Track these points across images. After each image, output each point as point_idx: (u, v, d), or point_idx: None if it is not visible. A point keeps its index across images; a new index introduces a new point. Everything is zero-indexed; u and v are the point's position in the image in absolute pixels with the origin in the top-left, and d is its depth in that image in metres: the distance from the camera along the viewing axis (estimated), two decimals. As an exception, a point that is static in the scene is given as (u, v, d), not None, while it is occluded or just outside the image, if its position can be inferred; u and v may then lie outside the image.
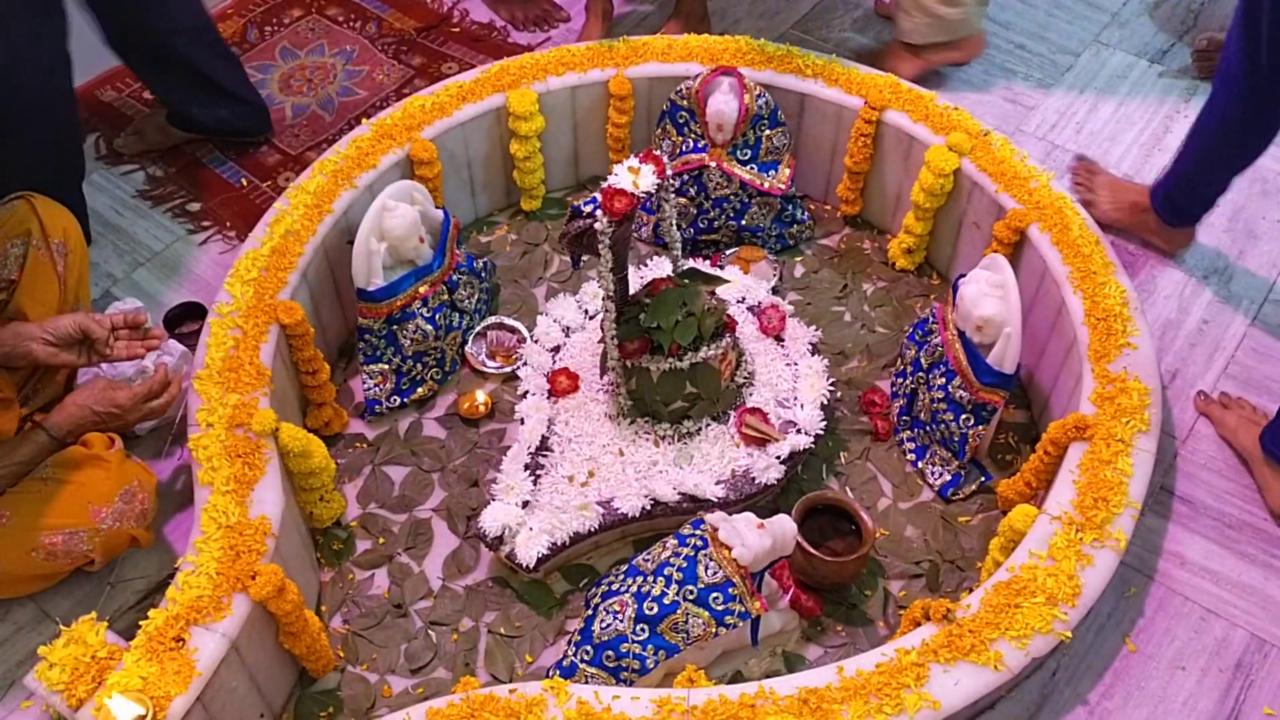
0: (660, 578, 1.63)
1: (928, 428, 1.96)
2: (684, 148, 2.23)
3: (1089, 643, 1.66)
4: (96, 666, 1.44)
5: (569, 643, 1.67)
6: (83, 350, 1.69)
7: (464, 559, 1.87)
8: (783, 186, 2.23)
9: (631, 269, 2.17)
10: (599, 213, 1.67)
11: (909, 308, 2.23)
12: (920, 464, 1.98)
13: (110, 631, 1.50)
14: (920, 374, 1.96)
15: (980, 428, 1.88)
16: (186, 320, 2.00)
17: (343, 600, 1.82)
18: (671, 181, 1.78)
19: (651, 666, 1.60)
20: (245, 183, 2.40)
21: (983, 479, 1.95)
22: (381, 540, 1.90)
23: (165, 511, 1.79)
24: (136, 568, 1.72)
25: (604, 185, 1.68)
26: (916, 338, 2.00)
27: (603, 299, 1.80)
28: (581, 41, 2.42)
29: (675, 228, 1.87)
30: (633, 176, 1.67)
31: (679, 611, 1.59)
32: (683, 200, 2.25)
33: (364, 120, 2.19)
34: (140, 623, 1.49)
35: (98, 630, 1.48)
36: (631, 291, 1.90)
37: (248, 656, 1.55)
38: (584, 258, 1.78)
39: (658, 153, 1.72)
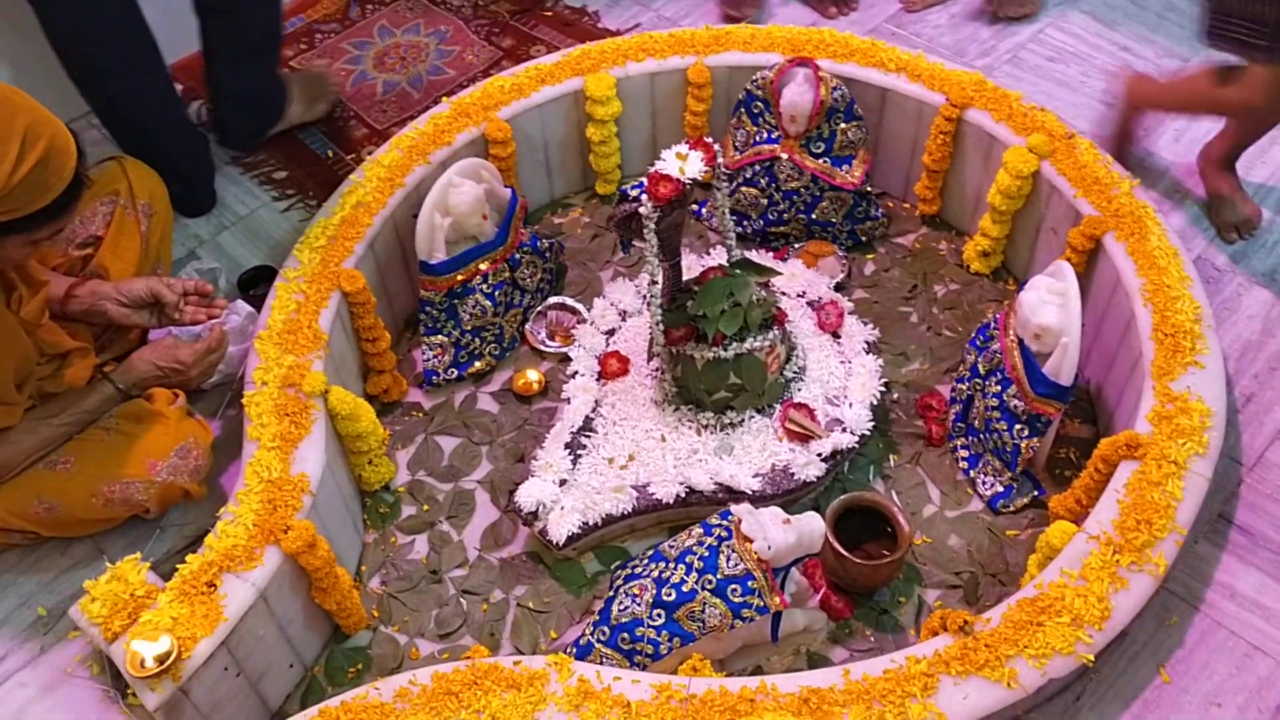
0: (681, 565, 1.62)
1: (981, 436, 1.91)
2: (758, 138, 2.21)
3: (1120, 669, 1.59)
4: (134, 604, 1.52)
5: (590, 622, 1.69)
6: (154, 312, 1.79)
7: (502, 532, 1.91)
8: (855, 181, 2.19)
9: (694, 256, 2.17)
10: (644, 197, 1.67)
11: (980, 312, 2.16)
12: (972, 473, 1.93)
13: (152, 573, 1.59)
14: (978, 380, 1.91)
15: (1034, 439, 1.81)
16: (259, 283, 2.09)
17: (383, 562, 1.88)
18: (724, 169, 1.77)
19: (665, 653, 1.60)
20: (331, 154, 2.48)
21: (1035, 493, 1.88)
22: (426, 507, 1.94)
23: (222, 463, 1.88)
24: (187, 514, 1.81)
25: (650, 170, 1.68)
26: (978, 343, 1.94)
27: (648, 284, 1.80)
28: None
29: (728, 216, 1.86)
30: (680, 163, 1.67)
31: (696, 600, 1.58)
32: (753, 191, 2.23)
33: (445, 99, 2.24)
34: (178, 566, 1.57)
35: (139, 570, 1.56)
36: (687, 278, 1.90)
37: (277, 607, 1.61)
38: (633, 242, 1.78)
39: (708, 139, 1.71)
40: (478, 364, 2.11)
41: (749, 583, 1.58)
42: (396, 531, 1.92)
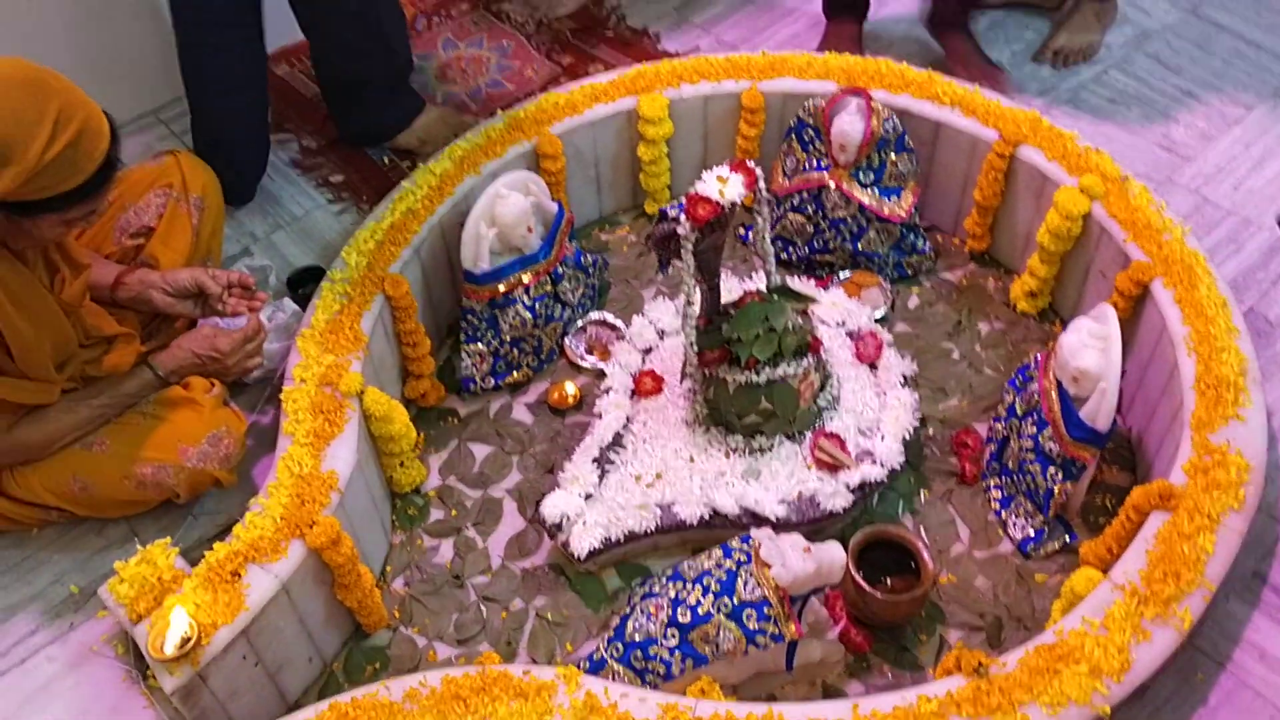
0: (698, 586, 1.62)
1: (1015, 477, 1.88)
2: (807, 165, 2.21)
3: (1140, 724, 1.56)
4: (160, 587, 1.55)
5: (605, 637, 1.69)
6: (198, 303, 1.83)
7: (526, 542, 1.92)
8: (903, 214, 2.18)
9: (735, 280, 2.17)
10: (683, 217, 1.68)
11: (1023, 352, 2.13)
12: (1003, 514, 1.90)
13: (181, 558, 1.62)
14: (1014, 420, 1.88)
15: (1068, 484, 1.79)
16: (308, 282, 2.13)
17: (408, 564, 1.90)
18: (765, 194, 1.77)
19: (677, 673, 1.59)
20: (386, 160, 2.53)
21: (1067, 538, 1.85)
22: (454, 512, 1.96)
23: (256, 455, 1.91)
24: (220, 503, 1.84)
25: (690, 191, 1.69)
26: (1017, 383, 1.92)
27: (684, 304, 1.81)
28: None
29: (768, 241, 1.86)
30: (720, 185, 1.68)
31: (711, 623, 1.58)
32: (800, 218, 2.23)
33: (500, 112, 2.27)
34: (205, 553, 1.60)
35: (168, 555, 1.60)
36: (725, 301, 1.91)
37: (299, 600, 1.64)
38: (670, 262, 1.79)
39: (750, 163, 1.72)
40: (515, 374, 2.13)
41: (765, 609, 1.57)
42: (423, 534, 1.94)
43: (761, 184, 1.76)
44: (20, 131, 1.42)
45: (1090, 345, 1.73)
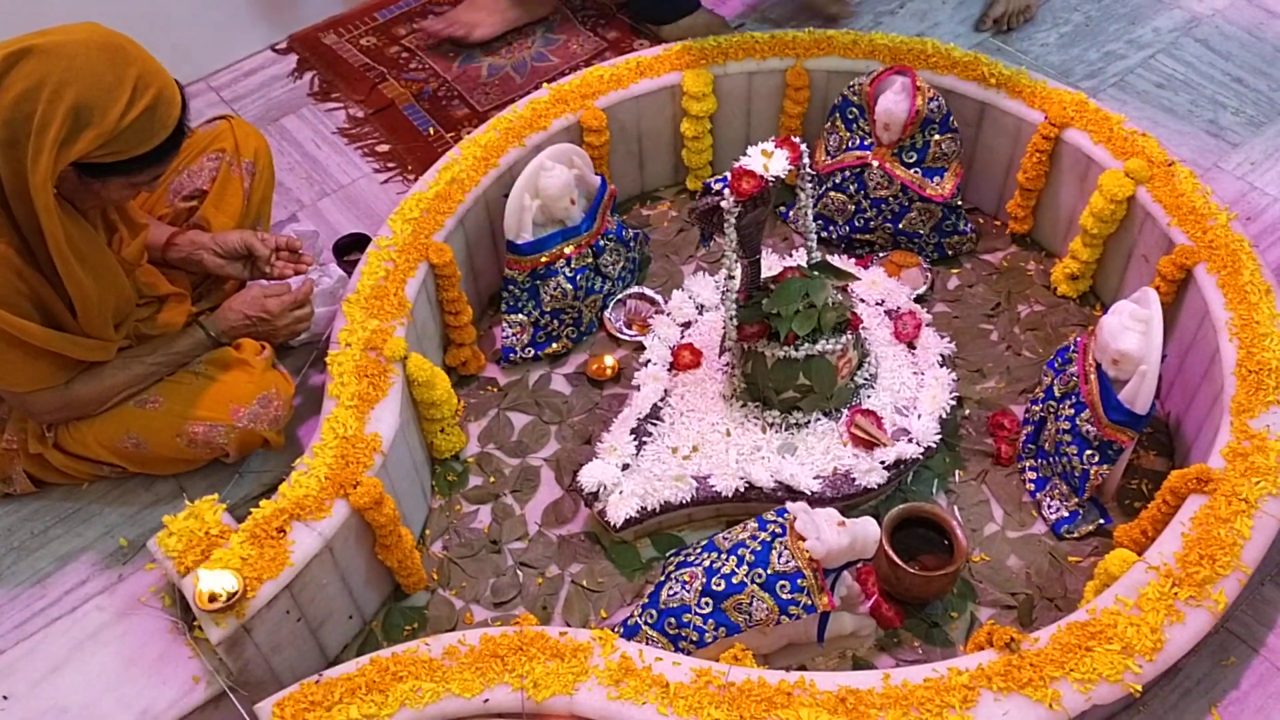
0: (733, 557, 1.64)
1: (1051, 459, 1.88)
2: (850, 144, 2.21)
3: (1170, 703, 1.56)
4: (207, 541, 1.59)
5: (639, 604, 1.72)
6: (247, 265, 1.87)
7: (563, 510, 1.95)
8: (945, 194, 2.18)
9: (775, 256, 2.18)
10: (726, 191, 1.69)
11: (1063, 335, 2.13)
12: (1038, 495, 1.90)
13: (228, 515, 1.66)
14: (1052, 402, 1.88)
15: (1105, 467, 1.79)
16: (353, 249, 2.16)
17: (446, 528, 1.93)
18: (809, 170, 1.78)
19: (709, 641, 1.62)
20: (432, 131, 2.55)
21: (1102, 521, 1.85)
22: (492, 479, 1.99)
23: (303, 416, 1.95)
24: (266, 463, 1.88)
25: (734, 165, 1.70)
26: (1056, 365, 1.92)
27: (724, 278, 1.82)
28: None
29: (810, 218, 1.87)
30: (764, 160, 1.69)
31: (745, 593, 1.60)
32: (842, 196, 2.24)
33: (545, 85, 2.29)
34: (252, 510, 1.64)
35: (216, 510, 1.64)
36: (766, 276, 1.92)
37: (341, 558, 1.67)
38: (713, 235, 1.81)
39: (795, 139, 1.73)
40: (555, 345, 2.15)
41: (798, 580, 1.59)
42: (462, 500, 1.97)
43: (806, 160, 1.76)
44: (101, 96, 1.45)
45: (1131, 328, 1.73)
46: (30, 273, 1.56)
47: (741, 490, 1.84)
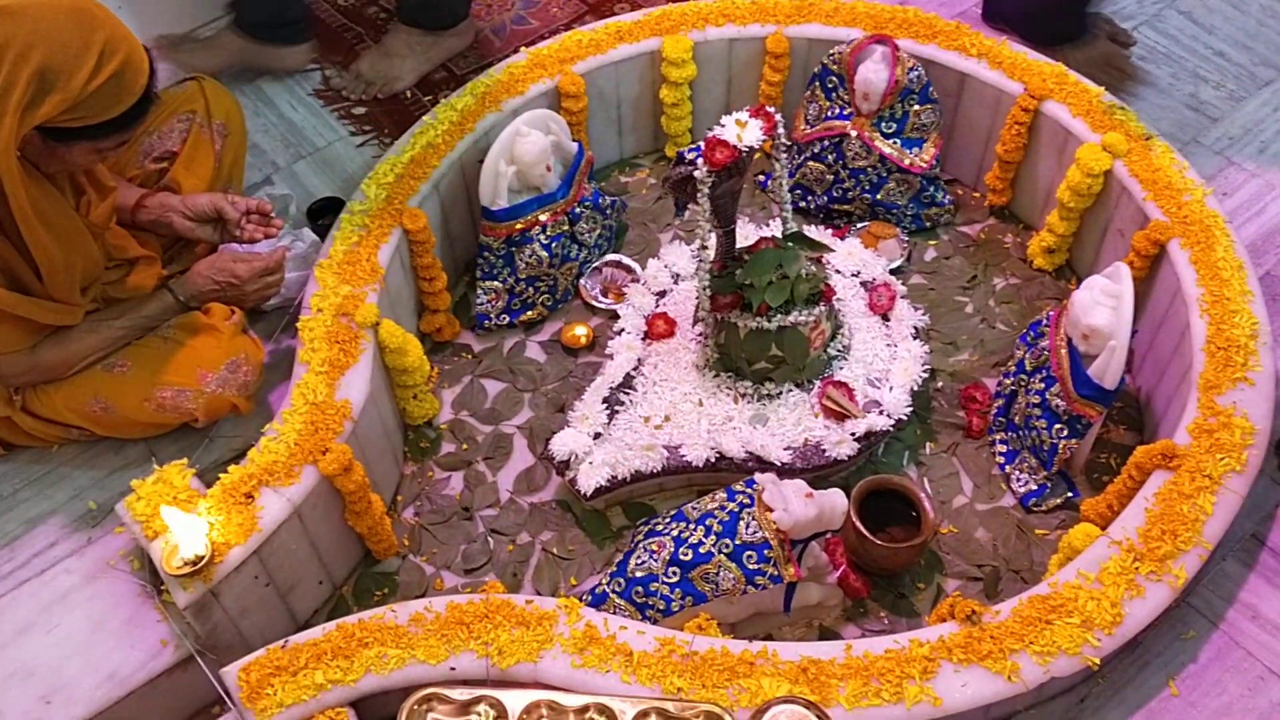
0: (701, 526, 1.65)
1: (1021, 432, 1.89)
2: (829, 113, 2.20)
3: (1129, 677, 1.58)
4: (175, 506, 1.60)
5: (607, 573, 1.73)
6: (217, 228, 1.85)
7: (535, 478, 1.95)
8: (924, 165, 2.17)
9: (752, 226, 2.18)
10: (700, 161, 1.68)
11: (1037, 309, 2.13)
12: (1007, 468, 1.91)
13: (197, 480, 1.66)
14: (1023, 376, 1.89)
15: (1073, 441, 1.80)
16: (327, 213, 2.14)
17: (418, 494, 1.93)
18: (784, 140, 1.77)
19: (676, 609, 1.63)
20: (409, 95, 2.53)
21: (1070, 495, 1.86)
22: (465, 446, 1.99)
23: (273, 382, 1.94)
24: (236, 428, 1.87)
25: (708, 135, 1.69)
26: (1028, 339, 1.93)
27: (698, 249, 1.81)
28: None
29: (785, 189, 1.86)
30: (738, 130, 1.68)
31: (712, 563, 1.61)
32: (820, 166, 2.23)
33: (523, 49, 2.26)
34: (221, 475, 1.64)
35: (184, 475, 1.64)
36: (740, 246, 1.91)
37: (310, 524, 1.68)
38: (688, 205, 1.80)
39: (770, 109, 1.72)
40: (530, 313, 2.15)
41: (765, 551, 1.60)
42: (434, 466, 1.97)
43: (781, 130, 1.75)
44: (66, 60, 1.44)
45: (1102, 303, 1.73)
46: (-6, 235, 1.54)
47: (712, 460, 1.84)
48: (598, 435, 1.88)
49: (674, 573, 1.63)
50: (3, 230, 1.55)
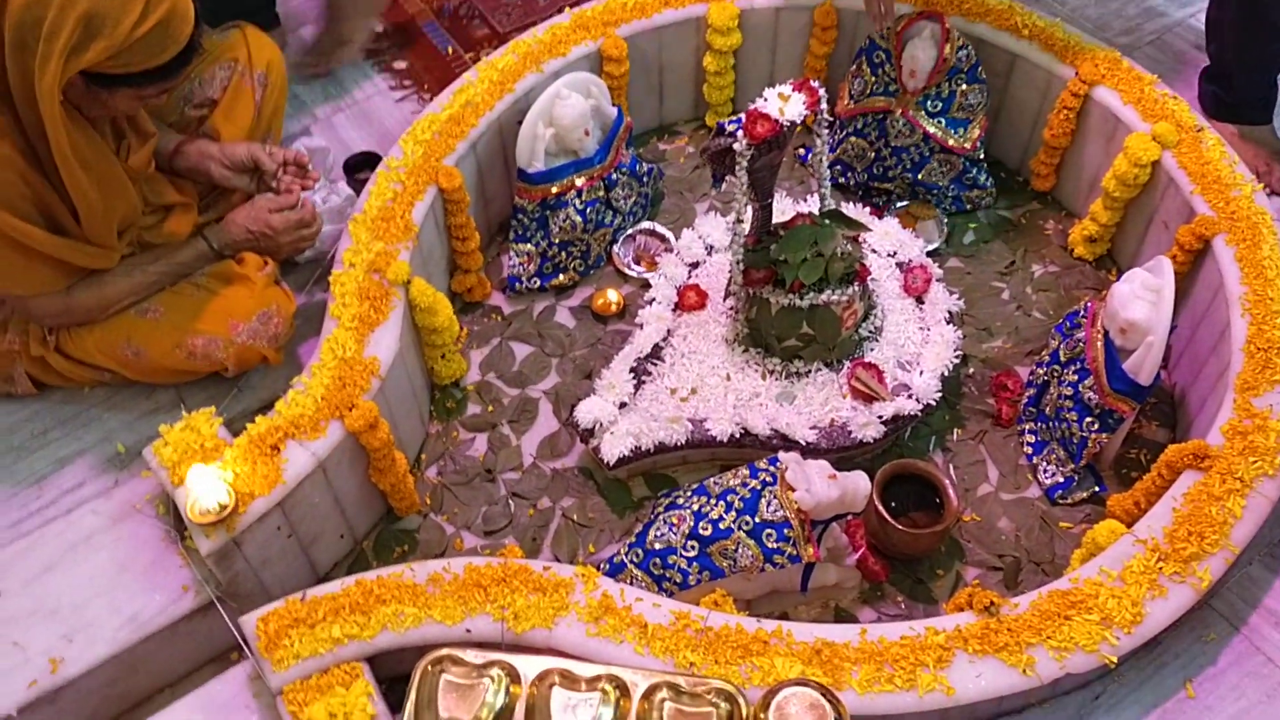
0: (722, 502, 1.65)
1: (1051, 423, 1.87)
2: (874, 88, 2.16)
3: (1147, 675, 1.57)
4: (202, 454, 1.61)
5: (626, 543, 1.73)
6: (253, 178, 1.85)
7: (559, 443, 1.95)
8: (968, 146, 2.14)
9: (789, 200, 2.15)
10: (740, 134, 1.66)
11: (1075, 298, 2.10)
12: (1035, 459, 1.89)
13: (224, 429, 1.67)
14: (1056, 366, 1.86)
15: (1104, 435, 1.78)
16: (363, 168, 2.14)
17: (442, 454, 1.94)
18: (826, 116, 1.74)
19: (693, 583, 1.63)
20: (451, 50, 2.51)
21: (1096, 489, 1.84)
22: (491, 408, 2.00)
23: (304, 334, 1.95)
24: (266, 379, 1.88)
25: (750, 107, 1.67)
26: (1064, 329, 1.90)
27: (733, 222, 1.79)
28: None
29: (825, 165, 1.84)
30: (781, 104, 1.65)
31: (731, 539, 1.61)
32: (862, 143, 2.20)
33: (568, 9, 2.24)
34: (248, 425, 1.65)
35: (212, 423, 1.65)
36: (777, 221, 1.89)
37: (334, 479, 1.69)
38: (725, 177, 1.78)
39: (815, 84, 1.69)
40: (561, 277, 2.14)
41: (785, 530, 1.59)
42: (459, 427, 1.98)
43: (824, 106, 1.73)
44: (113, 7, 1.44)
45: (1142, 297, 1.70)
46: (35, 177, 1.55)
47: (737, 436, 1.83)
48: (623, 405, 1.87)
49: (692, 546, 1.63)
50: (43, 172, 1.55)
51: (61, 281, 1.67)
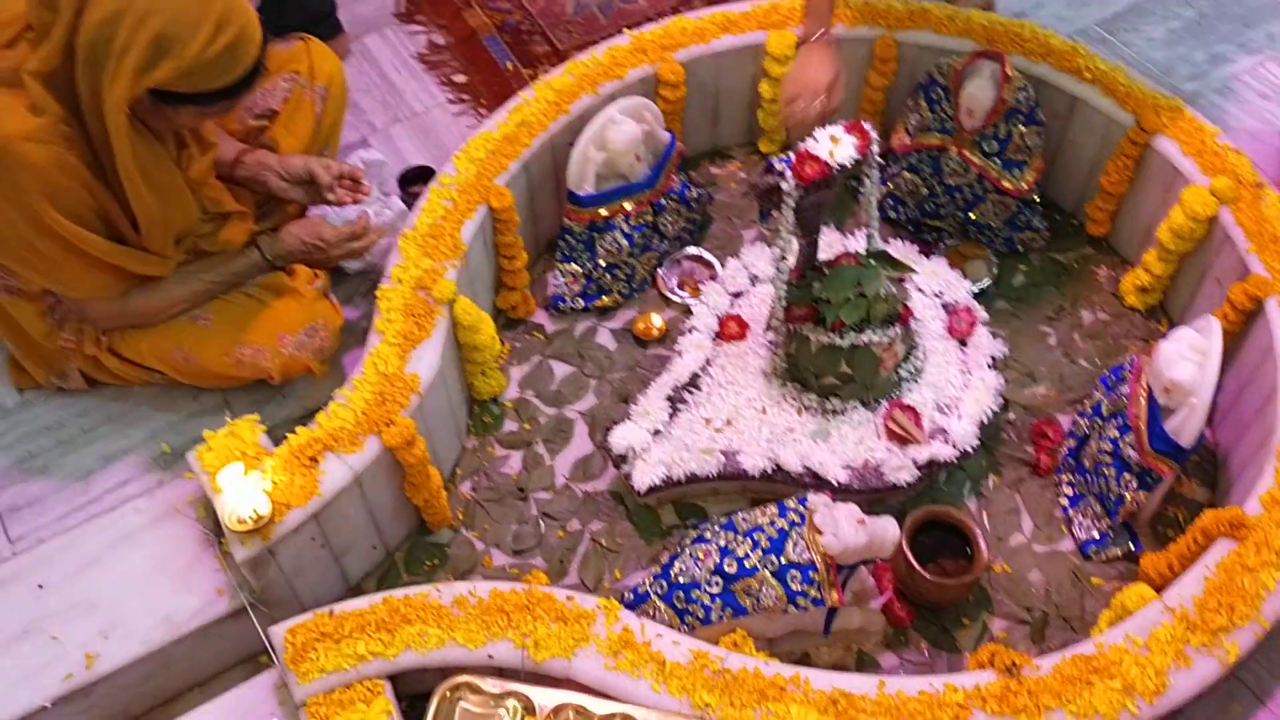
0: (749, 539, 1.65)
1: (1089, 477, 1.85)
2: (931, 125, 2.15)
3: (1167, 747, 1.55)
4: (243, 461, 1.65)
5: (652, 573, 1.74)
6: (309, 190, 1.89)
7: (592, 466, 1.97)
8: (1024, 189, 2.11)
9: (837, 235, 2.14)
10: (788, 173, 1.66)
11: (1123, 348, 2.08)
12: (1071, 512, 1.88)
13: (266, 436, 1.71)
14: (1098, 419, 1.84)
15: (1142, 493, 1.75)
16: (417, 181, 2.17)
17: (477, 469, 1.96)
18: (877, 158, 1.74)
19: (715, 620, 1.64)
20: (510, 66, 2.54)
21: (1131, 546, 1.82)
22: (527, 426, 2.02)
23: (350, 345, 1.99)
24: (310, 387, 1.92)
25: (800, 148, 1.67)
26: (1109, 382, 1.88)
27: (777, 258, 1.80)
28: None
29: (874, 205, 1.83)
30: (831, 146, 1.65)
31: (756, 578, 1.61)
32: (915, 179, 2.18)
33: (627, 30, 2.25)
34: (288, 435, 1.68)
35: (254, 431, 1.69)
36: (822, 257, 1.89)
37: (369, 492, 1.72)
38: (771, 212, 1.78)
39: (866, 125, 1.69)
40: (605, 299, 2.15)
41: (810, 573, 1.59)
42: (495, 443, 2.00)
43: (875, 148, 1.72)
44: (183, 28, 1.47)
45: (1188, 358, 1.68)
46: (97, 186, 1.59)
47: (769, 471, 1.84)
48: (657, 432, 1.88)
49: (716, 582, 1.63)
50: (106, 182, 1.60)
51: (118, 287, 1.72)
